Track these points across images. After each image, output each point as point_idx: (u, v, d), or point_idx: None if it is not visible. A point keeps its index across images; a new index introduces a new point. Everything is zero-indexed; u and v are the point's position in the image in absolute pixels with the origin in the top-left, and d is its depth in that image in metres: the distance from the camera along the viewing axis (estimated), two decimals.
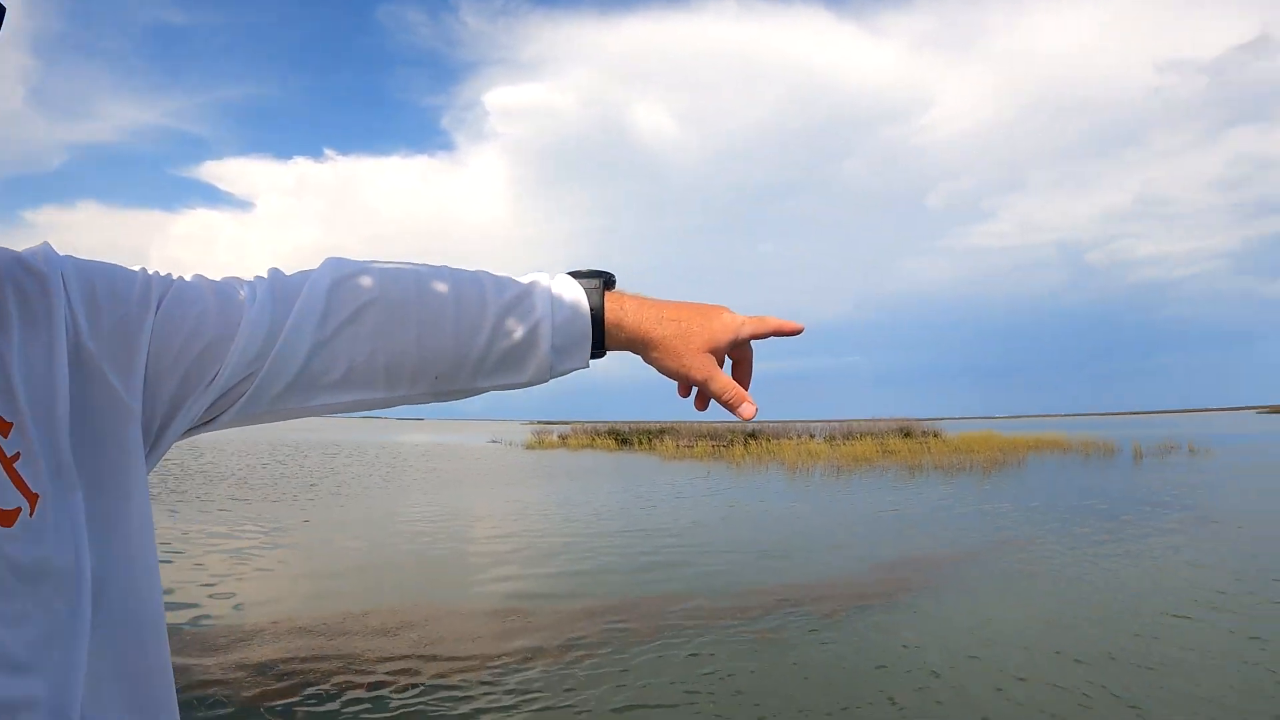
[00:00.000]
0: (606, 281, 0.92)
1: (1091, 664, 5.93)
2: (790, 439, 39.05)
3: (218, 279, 0.82)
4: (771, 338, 0.97)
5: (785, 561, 10.24)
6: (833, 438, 38.90)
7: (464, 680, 5.72)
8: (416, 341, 0.82)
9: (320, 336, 0.79)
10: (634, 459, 34.50)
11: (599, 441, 46.23)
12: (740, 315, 0.95)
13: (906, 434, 37.48)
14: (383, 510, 15.82)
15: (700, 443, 40.56)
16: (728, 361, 1.00)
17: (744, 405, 0.94)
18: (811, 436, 40.48)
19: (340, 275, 0.82)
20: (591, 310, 0.89)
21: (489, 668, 6.01)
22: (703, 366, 0.92)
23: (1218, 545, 10.69)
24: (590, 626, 7.12)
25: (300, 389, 0.80)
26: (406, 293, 0.83)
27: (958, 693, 5.41)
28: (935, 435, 36.97)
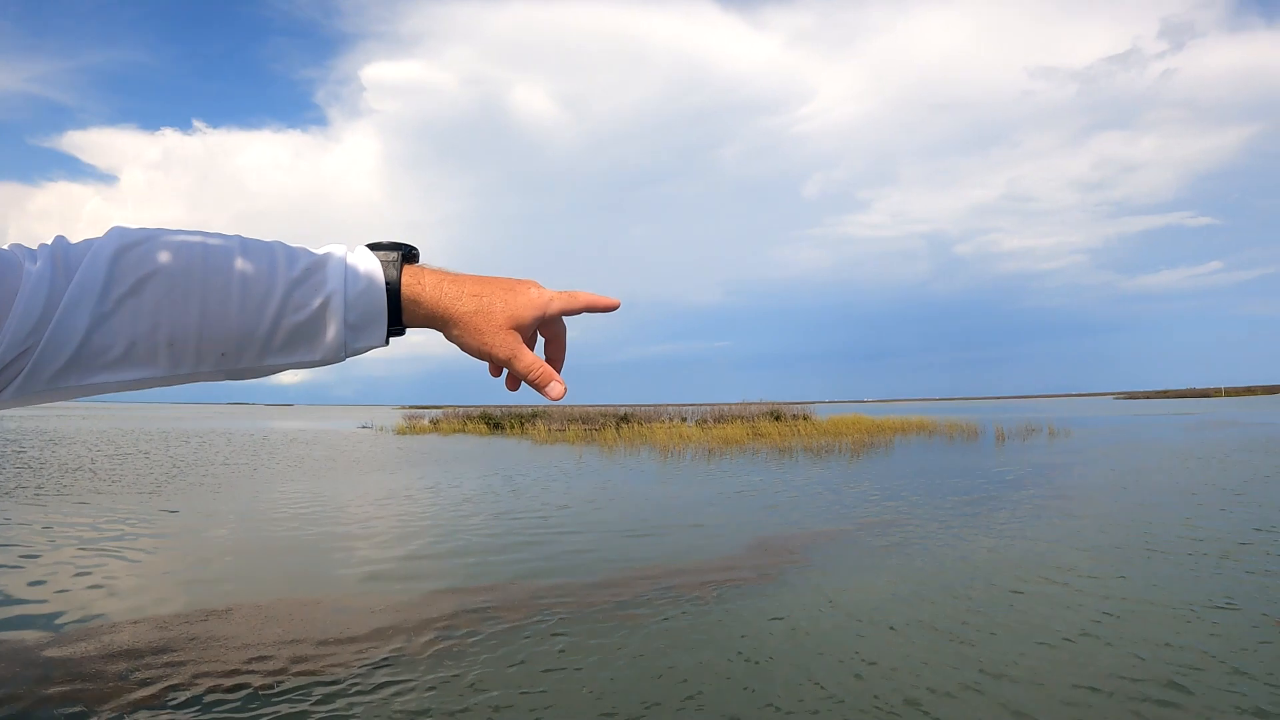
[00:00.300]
0: (407, 254, 0.88)
1: (933, 640, 6.07)
2: (662, 423, 39.47)
3: (3, 247, 0.76)
4: (585, 314, 0.94)
5: (650, 542, 10.40)
6: (704, 421, 39.57)
7: (327, 666, 5.58)
8: (200, 316, 0.77)
9: (100, 310, 0.74)
10: (506, 443, 34.18)
11: (471, 426, 45.58)
12: (550, 290, 0.91)
13: (777, 417, 38.28)
14: (250, 499, 15.13)
15: (572, 426, 40.56)
16: (542, 341, 0.96)
17: (551, 385, 0.91)
18: (683, 420, 41.07)
19: (124, 244, 0.76)
20: (388, 284, 0.84)
21: (352, 653, 5.88)
22: (505, 344, 0.88)
23: (1069, 522, 11.17)
24: (452, 608, 7.07)
25: (80, 366, 0.74)
26: (191, 264, 0.77)
27: (799, 669, 5.54)
28: (805, 418, 37.62)
